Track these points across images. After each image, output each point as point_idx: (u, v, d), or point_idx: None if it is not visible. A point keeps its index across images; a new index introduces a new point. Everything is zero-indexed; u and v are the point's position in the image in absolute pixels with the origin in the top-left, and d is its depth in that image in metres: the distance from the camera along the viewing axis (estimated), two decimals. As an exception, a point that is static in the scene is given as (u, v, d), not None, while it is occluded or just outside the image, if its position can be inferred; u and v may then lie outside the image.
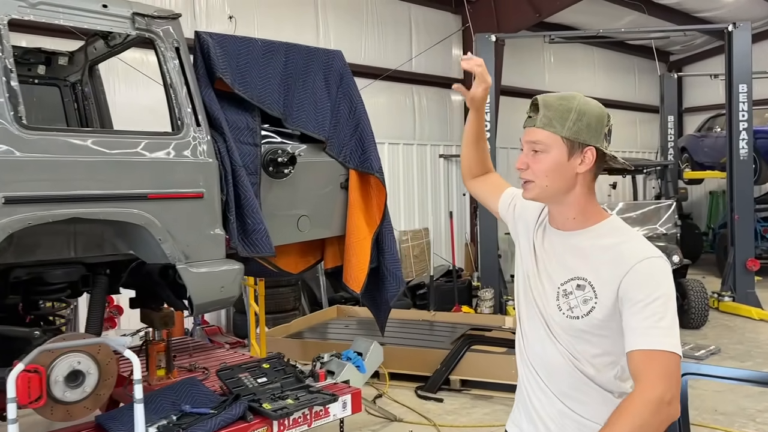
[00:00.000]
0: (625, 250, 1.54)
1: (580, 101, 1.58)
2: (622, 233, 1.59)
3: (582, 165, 1.57)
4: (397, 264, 4.29)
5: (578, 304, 1.59)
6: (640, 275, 1.49)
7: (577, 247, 1.62)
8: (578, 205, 1.61)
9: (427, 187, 10.91)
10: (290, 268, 4.12)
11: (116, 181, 2.77)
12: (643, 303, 1.47)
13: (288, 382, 3.51)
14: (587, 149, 1.56)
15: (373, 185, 4.15)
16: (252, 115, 3.59)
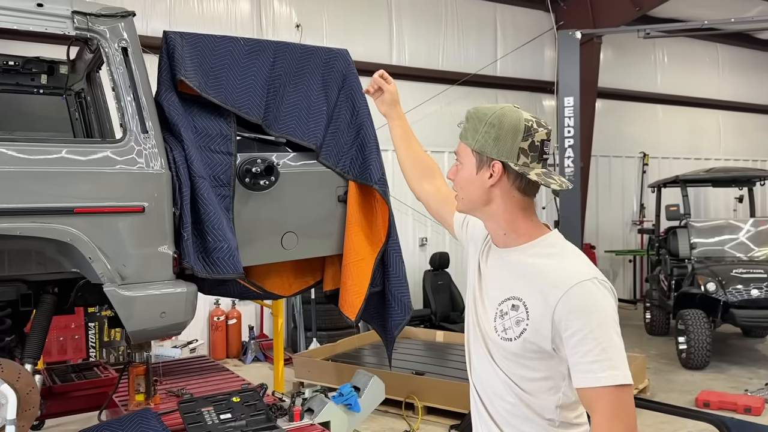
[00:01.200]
0: (558, 271, 1.47)
1: (498, 113, 1.52)
2: (557, 252, 1.52)
3: (491, 179, 1.52)
4: (403, 289, 3.76)
5: (512, 326, 1.53)
6: (572, 302, 1.41)
7: (513, 265, 1.57)
8: (504, 220, 1.57)
9: (513, 199, 10.15)
10: (280, 289, 3.72)
11: (37, 193, 2.53)
12: (580, 334, 1.40)
13: (255, 420, 3.11)
14: (494, 163, 1.51)
15: (378, 199, 3.67)
16: (227, 121, 3.25)
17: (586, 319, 1.40)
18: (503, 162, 1.51)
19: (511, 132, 1.50)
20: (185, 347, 6.73)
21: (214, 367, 4.48)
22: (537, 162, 1.51)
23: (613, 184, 11.40)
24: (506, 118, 1.51)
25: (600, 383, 1.38)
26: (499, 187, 1.53)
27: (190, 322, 2.99)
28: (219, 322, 7.29)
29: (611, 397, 1.38)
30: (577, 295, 1.41)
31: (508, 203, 1.55)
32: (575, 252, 1.54)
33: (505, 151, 1.50)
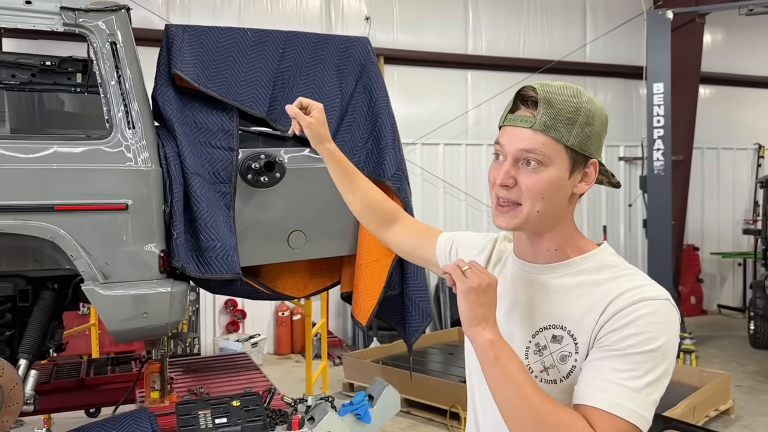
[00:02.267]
0: (618, 285, 1.15)
1: (584, 99, 1.19)
2: (621, 268, 1.20)
3: (582, 183, 1.22)
4: (422, 293, 3.50)
5: (555, 363, 1.18)
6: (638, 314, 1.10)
7: (554, 285, 1.22)
8: (563, 234, 1.24)
9: (601, 196, 9.44)
10: (294, 290, 3.58)
11: (15, 190, 2.54)
12: (623, 351, 1.09)
13: (251, 426, 2.99)
14: (591, 163, 1.21)
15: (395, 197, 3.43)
16: (229, 115, 3.15)
17: (643, 339, 1.09)
18: (599, 160, 1.23)
19: (603, 124, 1.22)
20: (247, 341, 6.81)
21: (248, 365, 4.43)
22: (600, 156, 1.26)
23: (722, 179, 10.29)
24: (595, 105, 1.22)
25: (611, 409, 1.07)
26: (579, 193, 1.24)
27: (179, 322, 2.92)
28: (284, 317, 7.32)
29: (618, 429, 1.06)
30: (642, 311, 1.11)
31: (571, 212, 1.26)
32: (640, 272, 1.23)
33: (598, 148, 1.22)
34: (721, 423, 4.89)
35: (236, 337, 6.94)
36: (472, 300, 1.14)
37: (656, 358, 1.10)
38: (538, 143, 1.17)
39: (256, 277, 3.44)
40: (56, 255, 2.82)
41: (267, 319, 7.45)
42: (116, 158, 2.72)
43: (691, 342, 6.68)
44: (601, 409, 1.07)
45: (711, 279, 10.19)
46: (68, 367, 4.18)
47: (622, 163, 9.60)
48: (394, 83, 8.26)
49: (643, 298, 1.13)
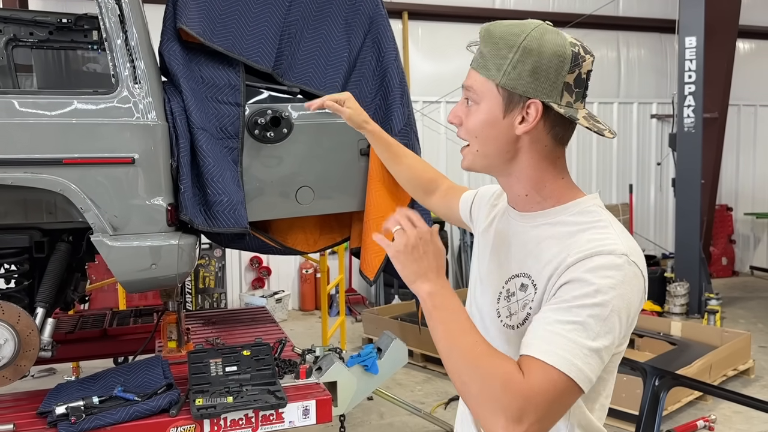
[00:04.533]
0: (583, 237, 1.11)
1: (531, 34, 1.13)
2: (591, 221, 1.14)
3: (523, 124, 1.15)
4: (430, 249, 3.51)
5: (517, 310, 1.19)
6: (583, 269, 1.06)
7: (528, 234, 1.21)
8: (528, 179, 1.20)
9: (632, 154, 9.22)
10: (304, 245, 3.63)
11: (25, 144, 2.62)
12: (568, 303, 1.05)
13: (260, 374, 3.08)
14: (530, 103, 1.13)
15: (405, 152, 3.42)
16: (236, 70, 3.15)
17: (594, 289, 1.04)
18: (544, 102, 1.13)
19: (554, 64, 1.13)
20: (272, 297, 6.96)
21: (266, 319, 4.54)
22: (581, 101, 1.17)
23: (759, 138, 9.94)
24: (544, 41, 1.13)
25: (544, 357, 1.02)
26: (530, 136, 1.16)
27: (188, 274, 3.00)
28: (308, 274, 7.44)
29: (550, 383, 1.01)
30: (600, 263, 1.06)
31: (535, 156, 1.18)
32: (616, 224, 1.16)
33: (547, 88, 1.13)
34: (739, 383, 4.83)
35: (261, 293, 7.09)
36: (402, 260, 1.14)
37: (603, 313, 1.04)
38: (472, 81, 1.18)
39: (266, 232, 3.50)
40: (69, 208, 2.91)
41: (292, 276, 7.58)
42: (123, 113, 2.77)
43: (717, 303, 6.58)
44: (536, 357, 1.03)
45: (744, 240, 9.95)
46: (93, 318, 4.35)
47: (654, 120, 9.34)
48: (419, 40, 8.14)
49: (600, 251, 1.08)
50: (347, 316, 7.11)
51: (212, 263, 6.97)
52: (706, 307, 6.68)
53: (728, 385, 4.61)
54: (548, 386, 1.01)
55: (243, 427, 2.80)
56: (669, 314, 6.85)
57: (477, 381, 1.03)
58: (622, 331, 1.07)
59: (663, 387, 3.77)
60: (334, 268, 7.71)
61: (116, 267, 2.75)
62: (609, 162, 9.12)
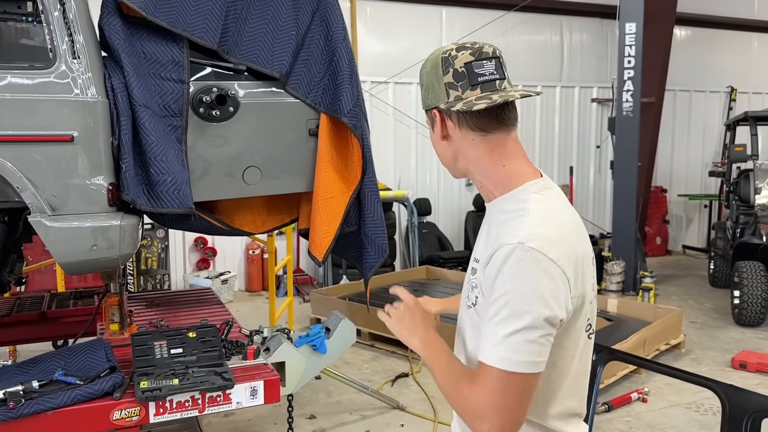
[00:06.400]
0: (504, 231, 1.24)
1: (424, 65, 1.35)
2: (519, 208, 1.25)
3: (438, 130, 1.34)
4: (379, 230, 3.55)
5: (469, 291, 1.34)
6: (493, 264, 1.20)
7: (487, 222, 1.38)
8: (476, 172, 1.34)
9: (573, 137, 9.48)
10: (252, 226, 3.60)
11: (-45, 121, 2.50)
12: (490, 299, 1.20)
13: (207, 356, 3.06)
14: (433, 113, 1.33)
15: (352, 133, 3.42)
16: (179, 46, 3.07)
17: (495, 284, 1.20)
18: (438, 107, 1.31)
19: (433, 73, 1.31)
20: (217, 278, 6.87)
21: (211, 300, 4.49)
22: (471, 88, 1.26)
23: (693, 122, 10.37)
24: (428, 62, 1.34)
25: (483, 358, 1.20)
26: (454, 137, 1.32)
27: (130, 255, 2.94)
28: (254, 255, 7.37)
29: (489, 376, 1.18)
30: (500, 257, 1.19)
31: (470, 150, 1.31)
32: (537, 210, 1.24)
33: (436, 96, 1.31)
34: (671, 356, 5.10)
35: (206, 275, 6.99)
36: (398, 330, 1.43)
37: (512, 301, 1.16)
38: None
39: (212, 213, 3.45)
40: (4, 187, 2.79)
41: (238, 256, 7.50)
42: (60, 89, 2.66)
43: (651, 280, 6.88)
44: (481, 361, 1.20)
45: (677, 220, 10.41)
46: (30, 300, 4.20)
47: (594, 104, 9.60)
48: (367, 19, 8.09)
49: (500, 244, 1.21)
50: (295, 297, 7.08)
51: (155, 244, 6.82)
52: (640, 284, 6.99)
53: (661, 359, 4.85)
54: (493, 383, 1.17)
55: (189, 408, 2.78)
56: (606, 292, 7.12)
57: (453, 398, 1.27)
58: (539, 310, 1.15)
59: (600, 361, 3.95)
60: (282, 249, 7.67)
61: (55, 248, 2.67)
62: (551, 144, 9.35)
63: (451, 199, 8.65)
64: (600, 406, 4.02)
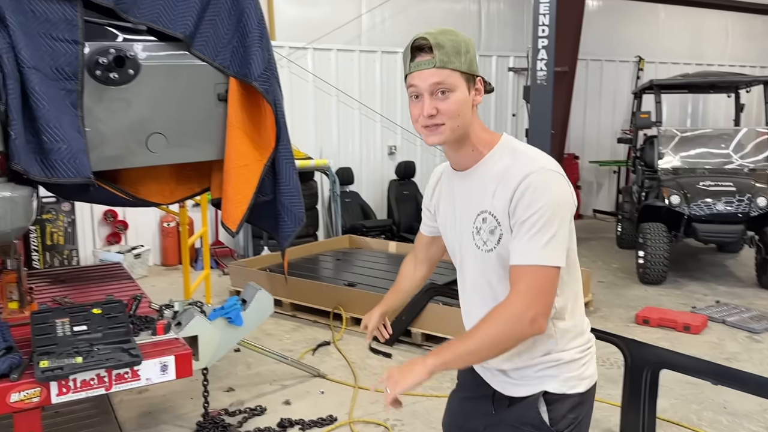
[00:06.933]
0: (514, 170, 1.50)
1: (459, 34, 1.55)
2: (513, 154, 1.56)
3: (478, 96, 1.57)
4: (294, 198, 3.48)
5: (488, 237, 1.56)
6: (523, 192, 1.46)
7: (478, 181, 1.59)
8: (474, 136, 1.59)
9: (490, 105, 9.64)
10: (159, 197, 3.46)
11: None
12: (522, 219, 1.46)
13: (113, 333, 2.93)
14: (478, 79, 1.57)
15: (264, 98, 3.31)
16: (72, 4, 2.85)
17: (530, 203, 1.45)
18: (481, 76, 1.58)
19: (473, 50, 1.57)
20: (129, 253, 6.60)
21: (121, 275, 4.30)
22: None
23: (604, 91, 10.76)
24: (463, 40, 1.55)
25: (525, 261, 1.45)
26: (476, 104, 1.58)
27: (24, 229, 2.75)
28: (169, 228, 7.12)
29: (531, 275, 1.44)
30: (527, 184, 1.46)
31: (475, 118, 1.59)
32: (528, 147, 1.58)
33: (477, 66, 1.57)
34: (580, 314, 5.33)
35: (118, 249, 6.70)
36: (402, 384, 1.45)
37: (546, 214, 1.43)
38: (443, 76, 1.51)
39: (114, 183, 3.28)
40: None
41: (152, 229, 7.22)
42: (-67, 48, 2.42)
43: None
44: (519, 265, 1.46)
45: (588, 186, 10.85)
46: None
47: (511, 73, 9.78)
48: (283, -18, 7.84)
49: (528, 172, 1.47)
50: (214, 270, 6.93)
51: (60, 218, 6.45)
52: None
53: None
54: (537, 279, 1.44)
55: (95, 387, 2.66)
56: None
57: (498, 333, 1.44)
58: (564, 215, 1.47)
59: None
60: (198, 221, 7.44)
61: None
62: (471, 113, 9.47)
63: (374, 168, 8.64)
64: (514, 364, 4.17)
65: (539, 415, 1.55)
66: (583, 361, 1.60)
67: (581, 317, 1.64)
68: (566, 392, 1.56)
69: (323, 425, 3.40)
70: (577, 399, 1.57)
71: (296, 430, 3.37)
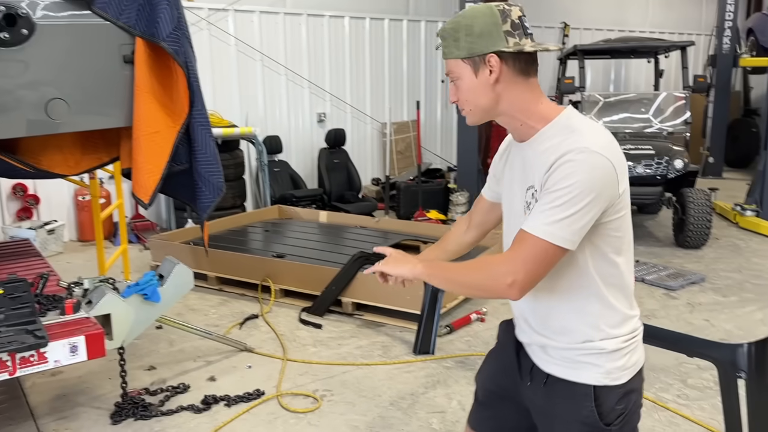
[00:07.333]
0: (562, 146, 1.44)
1: (466, 16, 1.52)
2: (567, 131, 1.47)
3: (492, 74, 1.50)
4: (212, 167, 3.33)
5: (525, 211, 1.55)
6: (558, 167, 1.41)
7: (531, 156, 1.54)
8: (517, 111, 1.54)
9: (420, 72, 9.57)
10: (63, 167, 3.23)
11: None
12: (549, 190, 1.42)
13: (18, 313, 2.73)
14: (489, 57, 1.49)
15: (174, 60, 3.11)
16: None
17: (560, 179, 1.40)
18: (496, 51, 1.48)
19: (489, 22, 1.49)
20: (42, 228, 6.23)
21: (29, 252, 4.03)
22: (525, 38, 1.50)
23: (532, 57, 10.87)
24: (477, 13, 1.50)
25: (530, 229, 1.42)
26: (502, 80, 1.50)
27: None
28: (85, 201, 6.75)
29: (530, 243, 1.42)
30: (567, 160, 1.40)
31: (515, 92, 1.52)
32: (585, 124, 1.48)
33: (494, 41, 1.48)
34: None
35: (29, 225, 6.31)
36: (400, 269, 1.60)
37: (572, 192, 1.37)
38: (449, 66, 1.55)
39: (12, 153, 3.03)
40: None
41: (66, 204, 6.82)
42: None
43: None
44: (524, 230, 1.43)
45: (518, 152, 11.02)
46: None
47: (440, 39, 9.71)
48: (200, -60, 7.44)
49: (571, 149, 1.40)
50: (135, 245, 6.65)
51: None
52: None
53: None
54: (530, 249, 1.41)
55: (-3, 372, 2.47)
56: (452, 221, 7.42)
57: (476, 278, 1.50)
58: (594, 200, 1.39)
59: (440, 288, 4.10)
60: (117, 194, 7.09)
61: None
62: (400, 80, 9.38)
63: (303, 137, 8.45)
64: (442, 328, 4.20)
65: (592, 413, 1.50)
66: (626, 350, 1.54)
67: (628, 306, 1.56)
68: (610, 384, 1.51)
69: (250, 400, 3.32)
70: (623, 390, 1.52)
71: (221, 406, 3.27)
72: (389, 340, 4.14)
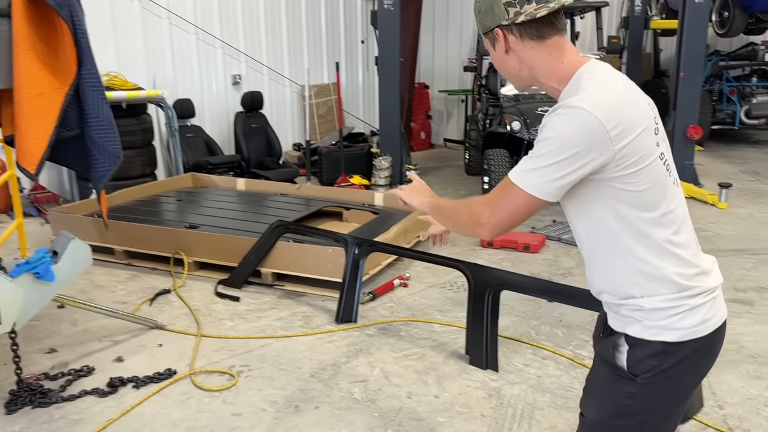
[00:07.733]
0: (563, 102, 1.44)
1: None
2: (575, 89, 1.45)
3: (503, 47, 1.55)
4: (107, 133, 3.06)
5: None
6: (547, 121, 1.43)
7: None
8: (543, 76, 1.55)
9: (340, 33, 9.31)
10: (-68, 134, 2.88)
11: None
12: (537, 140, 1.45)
13: None
14: (495, 32, 1.54)
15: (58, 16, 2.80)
16: None
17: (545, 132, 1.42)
18: (499, 25, 1.51)
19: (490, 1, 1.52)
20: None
21: None
22: (527, 3, 1.47)
23: (452, 21, 10.81)
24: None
25: (510, 174, 1.46)
26: (515, 50, 1.53)
27: None
28: (-24, 173, 6.18)
29: (506, 190, 1.46)
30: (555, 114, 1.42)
31: (532, 57, 1.53)
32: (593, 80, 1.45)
33: (496, 16, 1.51)
34: (430, 242, 5.40)
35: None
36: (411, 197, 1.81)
37: (550, 145, 1.38)
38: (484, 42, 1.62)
39: None
40: None
41: (-46, 177, 6.23)
42: None
43: (415, 173, 7.19)
44: (507, 175, 1.47)
45: (439, 115, 11.02)
46: None
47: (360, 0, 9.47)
48: None
49: (560, 106, 1.41)
50: (36, 218, 6.18)
51: None
52: (406, 178, 7.27)
53: (421, 246, 5.09)
54: (503, 193, 1.46)
55: None
56: (375, 186, 7.33)
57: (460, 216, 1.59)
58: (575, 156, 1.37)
59: (362, 254, 4.00)
60: (13, 164, 6.54)
61: None
62: (319, 41, 9.10)
63: (218, 100, 8.07)
64: (365, 295, 4.13)
65: (612, 356, 1.53)
66: (672, 311, 1.46)
67: (674, 267, 1.47)
68: (647, 338, 1.47)
69: (160, 380, 3.13)
70: (661, 347, 1.47)
71: (129, 388, 3.08)
72: (311, 310, 4.03)
